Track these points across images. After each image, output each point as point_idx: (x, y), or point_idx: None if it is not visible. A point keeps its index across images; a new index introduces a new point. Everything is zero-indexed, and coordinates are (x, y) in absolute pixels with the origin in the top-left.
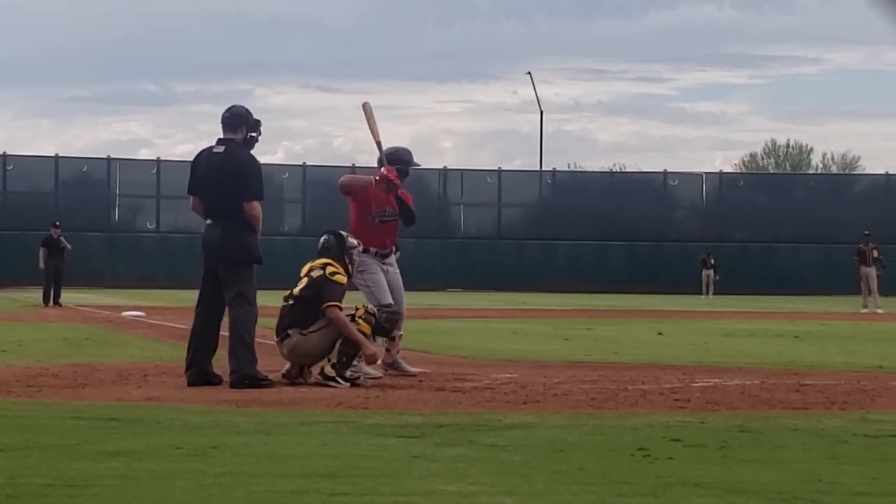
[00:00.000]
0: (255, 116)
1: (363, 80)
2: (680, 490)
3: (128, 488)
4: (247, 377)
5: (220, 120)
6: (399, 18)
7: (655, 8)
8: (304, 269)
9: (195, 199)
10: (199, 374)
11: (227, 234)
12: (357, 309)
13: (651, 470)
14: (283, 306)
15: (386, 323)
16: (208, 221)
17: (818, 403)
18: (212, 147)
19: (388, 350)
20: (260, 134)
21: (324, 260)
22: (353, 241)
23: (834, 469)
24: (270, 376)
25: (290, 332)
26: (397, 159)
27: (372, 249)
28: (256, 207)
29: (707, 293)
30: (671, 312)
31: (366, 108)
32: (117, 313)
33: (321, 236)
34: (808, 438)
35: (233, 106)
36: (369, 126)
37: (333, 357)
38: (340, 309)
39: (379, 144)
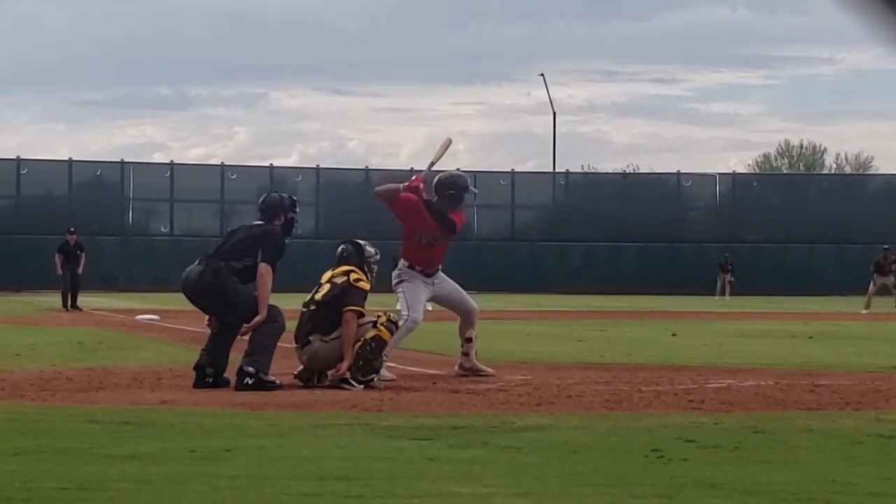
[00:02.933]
0: (293, 198)
1: (377, 83)
2: (694, 491)
3: (142, 492)
4: (251, 377)
5: (257, 209)
6: (412, 21)
7: (669, 9)
8: (326, 276)
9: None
10: (204, 376)
11: (206, 269)
12: (379, 316)
13: (665, 471)
14: (304, 312)
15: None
16: (195, 263)
17: (832, 404)
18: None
19: (465, 354)
20: (297, 212)
21: (346, 267)
22: (370, 249)
23: (848, 470)
24: (281, 380)
25: (311, 338)
26: (452, 185)
27: (417, 267)
28: (267, 270)
29: (723, 294)
30: (685, 313)
31: (447, 143)
32: (131, 317)
33: (339, 246)
34: (823, 439)
35: (266, 196)
36: (437, 155)
37: (351, 359)
38: (362, 314)
39: (430, 168)
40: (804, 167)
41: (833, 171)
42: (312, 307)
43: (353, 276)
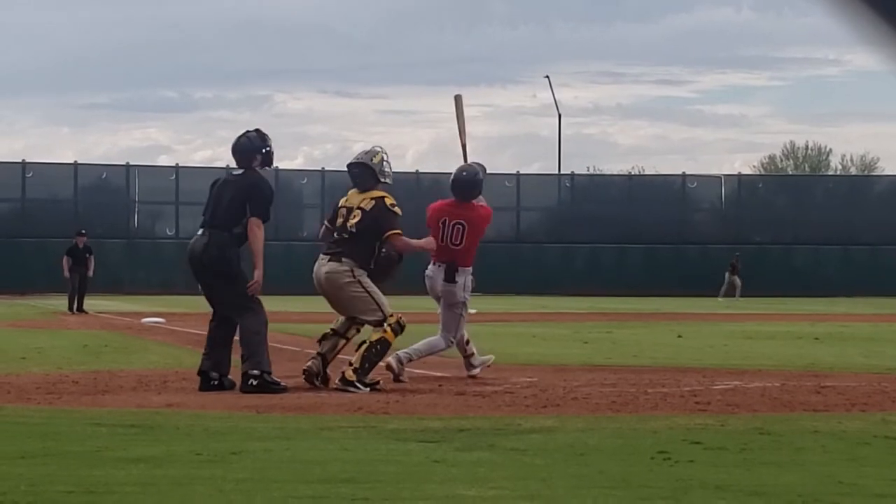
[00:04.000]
0: (259, 131)
1: (382, 85)
2: (700, 493)
3: (148, 495)
4: (256, 379)
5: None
6: (417, 23)
7: (673, 11)
8: (354, 201)
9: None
10: (209, 380)
11: (210, 242)
12: (391, 315)
13: (671, 473)
14: (334, 239)
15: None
16: (199, 232)
17: (839, 405)
18: (232, 170)
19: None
20: (271, 143)
21: (375, 193)
22: (376, 156)
23: (855, 471)
24: (286, 382)
25: (345, 259)
26: (481, 181)
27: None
28: (258, 225)
29: (731, 295)
30: (690, 315)
31: (457, 100)
32: (137, 320)
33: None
34: (829, 440)
35: (235, 143)
36: (459, 122)
37: (356, 362)
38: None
39: (464, 145)
40: (809, 168)
41: (838, 173)
42: (345, 235)
43: (388, 201)
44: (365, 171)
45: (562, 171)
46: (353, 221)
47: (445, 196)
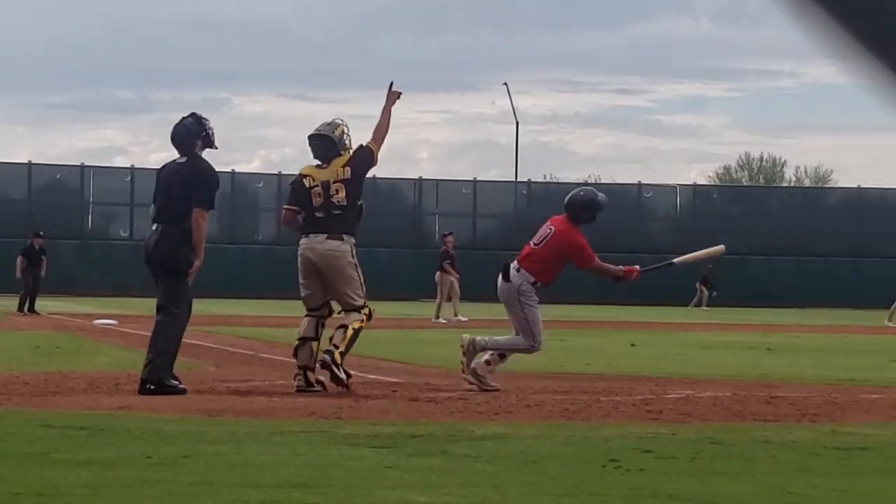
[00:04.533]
0: (195, 115)
1: (341, 90)
2: (651, 501)
3: (98, 497)
4: (154, 383)
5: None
6: (376, 28)
7: (632, 21)
8: (323, 177)
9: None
10: (145, 383)
11: (161, 238)
12: (367, 306)
13: (623, 481)
14: (320, 217)
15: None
16: (152, 227)
17: (789, 416)
18: (176, 159)
19: (487, 362)
20: (209, 126)
21: (340, 160)
22: (337, 128)
23: (805, 482)
24: (238, 386)
25: (346, 237)
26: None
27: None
28: (202, 215)
29: (701, 304)
30: (645, 324)
31: (717, 252)
32: (89, 321)
33: (310, 143)
34: (779, 451)
35: (172, 132)
36: (698, 258)
37: (342, 346)
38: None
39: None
40: (764, 179)
41: (793, 184)
42: (335, 211)
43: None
44: (326, 143)
45: (519, 179)
46: (339, 196)
47: (403, 200)
